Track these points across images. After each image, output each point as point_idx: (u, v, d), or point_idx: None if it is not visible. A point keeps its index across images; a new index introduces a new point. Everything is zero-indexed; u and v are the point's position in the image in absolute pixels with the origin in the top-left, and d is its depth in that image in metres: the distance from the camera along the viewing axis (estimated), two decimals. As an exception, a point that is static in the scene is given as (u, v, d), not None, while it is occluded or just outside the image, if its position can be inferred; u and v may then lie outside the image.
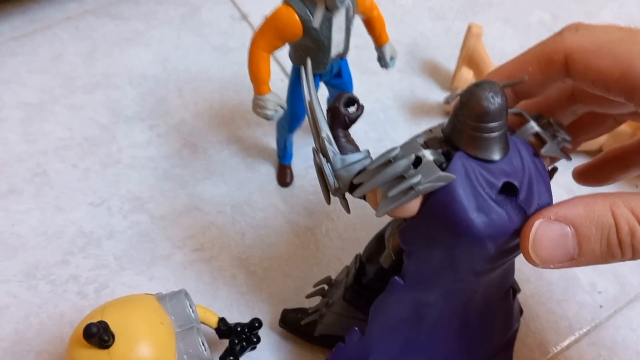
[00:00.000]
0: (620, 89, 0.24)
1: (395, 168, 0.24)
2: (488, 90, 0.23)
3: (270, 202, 0.47)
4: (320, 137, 0.26)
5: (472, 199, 0.24)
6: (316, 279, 0.43)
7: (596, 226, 0.23)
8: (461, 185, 0.24)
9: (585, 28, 0.25)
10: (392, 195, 0.24)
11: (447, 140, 0.25)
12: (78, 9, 0.60)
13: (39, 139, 0.50)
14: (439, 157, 0.25)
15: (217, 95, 0.53)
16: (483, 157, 0.24)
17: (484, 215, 0.24)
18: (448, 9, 0.60)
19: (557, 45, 0.25)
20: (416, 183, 0.23)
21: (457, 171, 0.24)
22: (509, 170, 0.24)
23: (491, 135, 0.24)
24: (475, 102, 0.23)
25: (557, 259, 0.24)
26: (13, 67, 0.55)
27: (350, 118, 0.27)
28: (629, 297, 0.43)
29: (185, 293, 0.33)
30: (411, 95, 0.54)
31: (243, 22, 0.59)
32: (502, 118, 0.24)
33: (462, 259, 0.26)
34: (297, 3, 0.35)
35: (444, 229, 0.25)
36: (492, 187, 0.24)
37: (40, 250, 0.44)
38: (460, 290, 0.29)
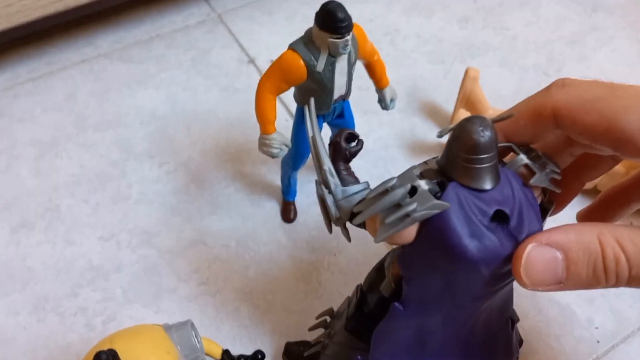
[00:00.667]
0: (606, 141, 0.26)
1: (392, 197, 0.25)
2: (478, 125, 0.25)
3: (274, 237, 0.48)
4: (322, 170, 0.28)
5: (466, 225, 0.25)
6: (318, 312, 0.44)
7: (584, 252, 0.25)
8: (455, 213, 0.25)
9: (571, 84, 0.27)
10: (390, 222, 0.25)
11: (441, 172, 0.27)
12: (92, 52, 0.62)
13: (51, 174, 0.52)
14: (433, 187, 0.26)
15: (223, 134, 0.55)
16: (475, 187, 0.26)
17: (477, 240, 0.25)
18: (447, 53, 0.63)
19: (545, 101, 0.27)
20: (412, 210, 0.25)
21: (451, 199, 0.25)
22: (500, 199, 0.26)
23: (482, 166, 0.25)
24: (466, 136, 0.25)
25: (545, 282, 0.25)
26: (28, 106, 0.57)
27: (350, 152, 0.29)
28: (626, 333, 0.43)
29: (191, 324, 0.34)
30: (411, 134, 0.55)
31: (250, 65, 0.61)
32: (493, 150, 0.25)
33: (459, 283, 0.27)
34: (302, 49, 0.37)
35: (440, 254, 0.26)
36: (484, 215, 0.25)
37: (49, 283, 0.45)
38: (461, 316, 0.30)
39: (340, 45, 0.36)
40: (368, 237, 0.49)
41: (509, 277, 0.27)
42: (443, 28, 0.65)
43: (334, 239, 0.48)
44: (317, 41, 0.37)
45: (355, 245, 0.48)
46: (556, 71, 0.61)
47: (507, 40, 0.64)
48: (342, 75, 0.39)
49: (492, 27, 0.66)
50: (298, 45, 0.37)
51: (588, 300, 0.45)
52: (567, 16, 0.67)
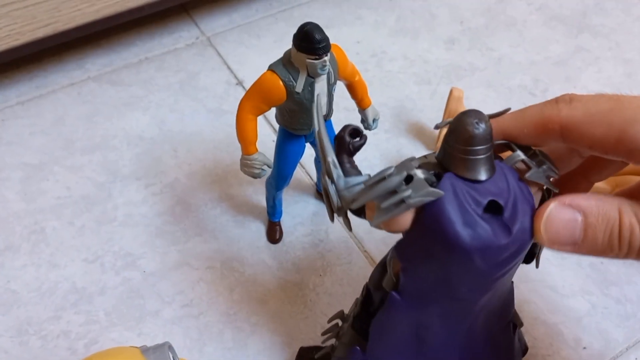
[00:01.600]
0: (617, 152, 0.26)
1: (389, 183, 0.26)
2: (473, 117, 0.26)
3: (260, 259, 0.48)
4: (326, 161, 0.29)
5: (459, 214, 0.26)
6: (303, 334, 0.43)
7: (603, 218, 0.26)
8: (449, 201, 0.26)
9: (578, 100, 0.28)
10: (385, 207, 0.26)
11: (439, 165, 0.28)
12: (81, 75, 0.63)
13: (37, 197, 0.52)
14: (430, 176, 0.27)
15: (210, 156, 0.55)
16: (470, 177, 0.26)
17: (470, 229, 0.26)
18: (433, 74, 0.63)
19: (552, 115, 0.28)
20: (407, 197, 0.26)
21: (445, 188, 0.26)
22: (495, 190, 0.27)
23: (477, 158, 0.26)
24: (462, 128, 0.26)
25: (562, 240, 0.27)
26: (17, 129, 0.58)
27: (354, 146, 0.30)
28: (614, 353, 0.43)
29: (169, 346, 0.34)
30: (397, 155, 0.56)
31: (238, 87, 0.62)
32: (487, 142, 0.26)
33: (454, 273, 0.28)
34: (281, 69, 0.37)
35: (434, 242, 0.27)
36: (478, 205, 0.26)
37: (32, 306, 0.45)
38: (458, 310, 0.30)
39: (318, 66, 0.36)
40: (353, 257, 0.49)
41: (504, 268, 0.28)
42: (429, 50, 0.66)
43: (319, 260, 0.48)
44: (296, 62, 0.37)
45: (340, 266, 0.47)
46: (542, 92, 0.62)
47: (493, 62, 0.65)
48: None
49: (478, 48, 0.66)
50: (277, 66, 0.37)
51: (576, 320, 0.44)
52: (552, 37, 0.68)
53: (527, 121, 0.29)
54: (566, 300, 0.45)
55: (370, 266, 0.47)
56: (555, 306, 0.45)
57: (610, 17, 0.70)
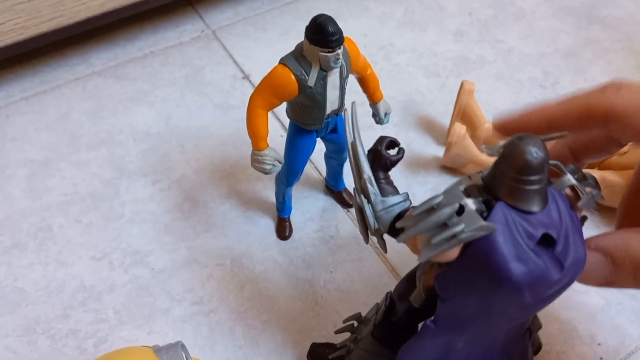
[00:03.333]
0: None
1: (440, 216, 0.25)
2: (532, 145, 0.24)
3: (269, 255, 0.47)
4: (362, 179, 0.28)
5: (512, 248, 0.24)
6: (314, 332, 0.43)
7: (630, 260, 0.26)
8: (502, 235, 0.24)
9: (627, 88, 0.27)
10: (436, 243, 0.25)
11: (486, 188, 0.26)
12: (86, 70, 0.62)
13: (44, 194, 0.51)
14: (480, 205, 0.25)
15: (217, 151, 0.55)
16: (523, 209, 0.25)
17: (523, 265, 0.24)
18: (442, 67, 0.63)
19: (598, 102, 0.27)
20: (459, 232, 0.24)
21: (498, 221, 0.24)
22: (547, 222, 0.25)
23: (532, 188, 0.25)
24: (518, 156, 0.24)
25: (594, 282, 0.27)
26: (21, 125, 0.57)
27: (391, 161, 0.29)
28: (629, 349, 0.42)
29: (182, 345, 0.33)
30: (407, 149, 0.55)
31: (245, 81, 0.61)
32: (544, 172, 0.25)
33: (498, 306, 0.26)
34: (292, 63, 0.37)
35: (482, 276, 0.25)
36: (531, 238, 0.25)
37: (40, 304, 0.45)
38: (490, 334, 0.30)
39: (331, 59, 0.35)
40: (364, 253, 0.48)
41: (550, 300, 0.27)
42: (437, 42, 0.65)
43: (329, 256, 0.47)
44: (308, 55, 0.36)
45: (351, 262, 0.47)
46: (552, 84, 0.61)
47: (502, 54, 0.64)
48: (334, 89, 0.38)
49: (487, 40, 0.66)
50: (289, 60, 0.37)
51: (590, 316, 0.44)
52: (562, 29, 0.67)
53: (572, 108, 0.28)
54: (580, 297, 0.45)
55: (382, 263, 0.47)
56: (569, 302, 0.45)
57: (619, 9, 0.69)
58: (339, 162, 0.47)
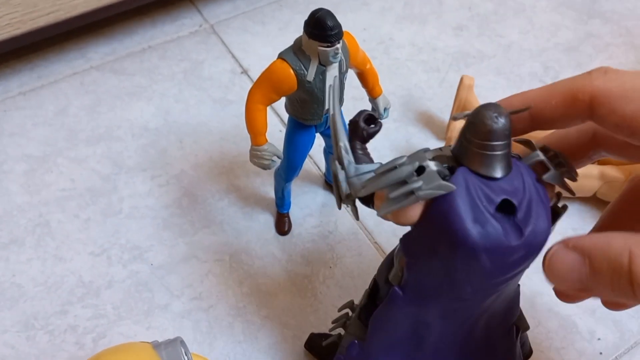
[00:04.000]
0: None
1: (399, 173, 0.25)
2: (493, 111, 0.25)
3: (268, 251, 0.47)
4: (337, 146, 0.29)
5: (470, 210, 0.25)
6: (313, 327, 0.43)
7: (609, 263, 0.24)
8: (460, 197, 0.25)
9: (614, 72, 0.26)
10: (393, 197, 0.25)
11: (454, 159, 0.27)
12: (84, 64, 0.62)
13: (42, 190, 0.51)
14: (443, 169, 0.26)
15: (216, 147, 0.54)
16: (485, 174, 0.25)
17: (480, 226, 0.25)
18: (441, 62, 0.62)
19: (584, 85, 0.26)
20: (417, 188, 0.25)
21: (457, 183, 0.25)
22: (509, 189, 0.26)
23: (494, 154, 0.25)
24: (480, 121, 0.25)
25: (569, 285, 0.25)
26: (19, 120, 0.57)
27: (368, 132, 0.29)
28: (629, 344, 0.43)
29: (181, 341, 0.33)
30: (407, 144, 0.55)
31: (243, 76, 0.61)
32: (506, 139, 0.25)
33: (460, 271, 0.27)
34: (291, 58, 0.36)
35: (442, 237, 0.26)
36: (490, 202, 0.25)
37: (39, 300, 0.44)
38: (460, 311, 0.30)
39: (330, 53, 0.35)
40: (363, 249, 0.48)
41: (511, 271, 0.27)
42: (437, 36, 0.65)
43: (329, 251, 0.47)
44: (307, 50, 0.36)
45: (350, 258, 0.47)
46: (553, 79, 0.61)
47: (502, 49, 0.64)
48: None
49: (487, 35, 0.65)
50: (287, 54, 0.36)
51: (590, 311, 0.44)
52: (562, 23, 0.67)
53: (556, 92, 0.27)
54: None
55: (381, 258, 0.47)
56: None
57: (620, 3, 0.69)
58: (336, 157, 0.47)
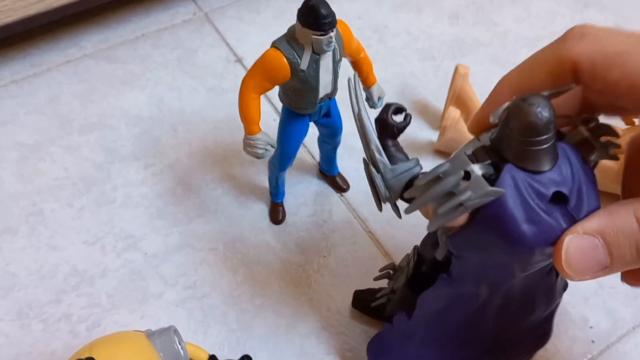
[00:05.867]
0: (629, 99, 0.24)
1: (445, 185, 0.25)
2: (536, 106, 0.24)
3: (263, 240, 0.47)
4: (370, 149, 0.27)
5: (522, 210, 0.24)
6: (308, 316, 0.43)
7: (623, 233, 0.24)
8: (511, 198, 0.24)
9: (591, 34, 0.25)
10: (442, 212, 0.25)
11: (494, 150, 0.26)
12: (77, 53, 0.61)
13: (35, 178, 0.51)
14: (487, 169, 0.25)
15: (210, 135, 0.54)
16: (532, 169, 0.25)
17: (535, 226, 0.24)
18: (437, 50, 0.62)
19: (563, 54, 0.25)
20: (466, 199, 0.24)
21: (506, 184, 0.24)
22: (559, 180, 0.25)
23: (540, 148, 0.24)
24: (522, 118, 0.24)
25: (590, 270, 0.25)
26: (11, 109, 0.56)
27: (398, 127, 0.28)
28: (621, 332, 0.43)
29: (175, 330, 0.33)
30: (401, 133, 0.55)
31: (237, 64, 0.60)
32: (551, 131, 0.24)
33: (511, 263, 0.27)
34: (285, 46, 0.36)
35: (494, 239, 0.25)
36: (541, 198, 0.25)
37: (33, 289, 0.44)
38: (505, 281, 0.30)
39: (324, 42, 0.35)
40: (358, 237, 0.48)
41: None
42: (433, 25, 0.65)
43: (323, 240, 0.47)
44: (301, 38, 0.36)
45: (344, 247, 0.47)
46: (548, 67, 0.60)
47: (498, 37, 0.64)
48: (327, 73, 0.38)
49: (483, 23, 0.65)
50: (281, 43, 0.36)
51: (583, 299, 0.44)
52: (558, 11, 0.66)
53: (538, 66, 0.27)
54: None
55: (375, 247, 0.47)
56: (562, 286, 0.45)
57: (616, -9, 0.69)
58: (332, 147, 0.47)
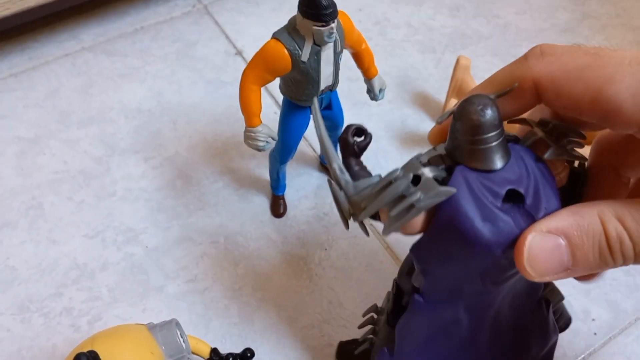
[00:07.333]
0: (593, 114, 0.24)
1: (395, 188, 0.25)
2: (477, 104, 0.24)
3: (264, 233, 0.47)
4: (332, 167, 0.28)
5: (477, 209, 0.24)
6: (309, 309, 0.43)
7: (587, 235, 0.24)
8: (464, 197, 0.24)
9: (551, 53, 0.25)
10: (395, 215, 0.25)
11: (449, 157, 0.26)
12: (75, 46, 0.61)
13: (34, 172, 0.51)
14: (439, 173, 0.25)
15: (210, 128, 0.54)
16: (484, 168, 0.25)
17: (490, 224, 0.24)
18: (437, 42, 0.62)
19: (524, 73, 0.25)
20: (416, 200, 0.24)
21: (458, 184, 0.24)
22: (512, 178, 0.25)
23: (488, 146, 0.24)
24: (467, 117, 0.24)
25: (552, 270, 0.24)
26: (10, 102, 0.56)
27: (359, 147, 0.28)
28: (623, 324, 0.43)
29: (176, 322, 0.33)
30: (402, 125, 0.54)
31: (237, 57, 0.60)
32: (497, 128, 0.24)
33: (476, 270, 0.26)
34: (285, 38, 0.36)
35: (453, 242, 0.25)
36: (496, 196, 0.24)
37: (33, 283, 0.44)
38: (484, 302, 0.29)
39: (325, 33, 0.35)
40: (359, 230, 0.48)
41: None
42: (433, 17, 0.64)
43: (324, 233, 0.47)
44: (301, 30, 0.35)
45: (346, 239, 0.47)
46: (549, 59, 0.60)
47: (498, 29, 0.63)
48: (329, 64, 0.37)
49: (484, 15, 0.65)
50: (282, 34, 0.36)
51: (584, 292, 0.44)
52: (559, 4, 0.66)
53: (498, 87, 0.26)
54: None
55: (377, 240, 0.47)
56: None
57: (617, -18, 0.68)
58: (333, 139, 0.47)
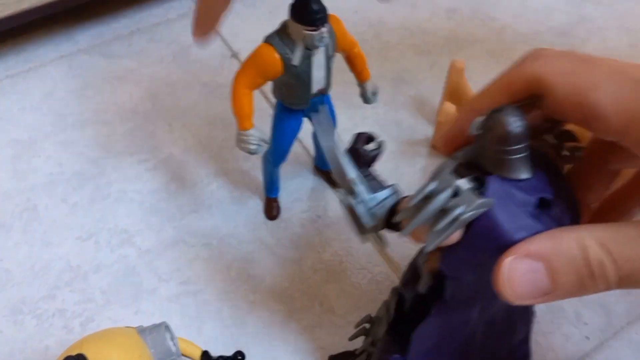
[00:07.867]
0: (576, 117, 0.24)
1: (437, 202, 0.24)
2: (510, 115, 0.24)
3: (257, 235, 0.47)
4: (347, 180, 0.27)
5: (513, 219, 0.24)
6: (301, 312, 0.43)
7: (566, 261, 0.23)
8: (500, 208, 0.24)
9: (544, 56, 0.26)
10: (439, 229, 0.25)
11: (473, 165, 0.26)
12: (71, 48, 0.61)
13: (29, 175, 0.51)
14: (473, 183, 0.25)
15: (205, 131, 0.54)
16: (514, 177, 0.25)
17: (525, 232, 0.24)
18: (432, 45, 0.62)
19: (518, 74, 0.26)
20: (460, 213, 0.24)
21: (494, 195, 0.24)
22: (540, 186, 0.25)
23: (518, 156, 0.25)
24: (500, 128, 0.24)
25: (531, 295, 0.24)
26: (5, 105, 0.56)
27: (371, 156, 0.28)
28: (615, 328, 0.43)
29: (166, 326, 0.33)
30: (397, 129, 0.54)
31: (233, 59, 0.60)
32: (527, 139, 0.25)
33: None
34: (277, 42, 0.36)
35: (489, 252, 0.25)
36: (528, 205, 0.25)
37: (26, 285, 0.44)
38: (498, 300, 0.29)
39: (315, 37, 0.35)
40: (352, 234, 0.48)
41: None
42: (429, 19, 0.64)
43: (317, 236, 0.47)
44: (293, 34, 0.35)
45: (339, 242, 0.47)
46: (544, 62, 0.60)
47: (494, 32, 0.63)
48: (320, 68, 0.38)
49: (480, 18, 0.65)
50: (273, 38, 0.36)
51: (576, 295, 0.44)
52: (555, 7, 0.66)
53: (497, 90, 0.27)
54: (568, 276, 0.45)
55: (369, 243, 0.47)
56: (556, 282, 0.45)
57: (614, -15, 0.68)
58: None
